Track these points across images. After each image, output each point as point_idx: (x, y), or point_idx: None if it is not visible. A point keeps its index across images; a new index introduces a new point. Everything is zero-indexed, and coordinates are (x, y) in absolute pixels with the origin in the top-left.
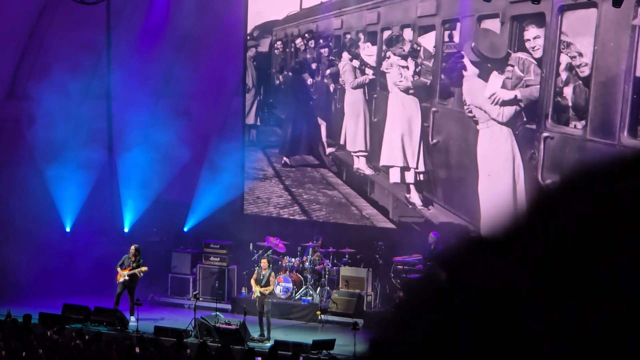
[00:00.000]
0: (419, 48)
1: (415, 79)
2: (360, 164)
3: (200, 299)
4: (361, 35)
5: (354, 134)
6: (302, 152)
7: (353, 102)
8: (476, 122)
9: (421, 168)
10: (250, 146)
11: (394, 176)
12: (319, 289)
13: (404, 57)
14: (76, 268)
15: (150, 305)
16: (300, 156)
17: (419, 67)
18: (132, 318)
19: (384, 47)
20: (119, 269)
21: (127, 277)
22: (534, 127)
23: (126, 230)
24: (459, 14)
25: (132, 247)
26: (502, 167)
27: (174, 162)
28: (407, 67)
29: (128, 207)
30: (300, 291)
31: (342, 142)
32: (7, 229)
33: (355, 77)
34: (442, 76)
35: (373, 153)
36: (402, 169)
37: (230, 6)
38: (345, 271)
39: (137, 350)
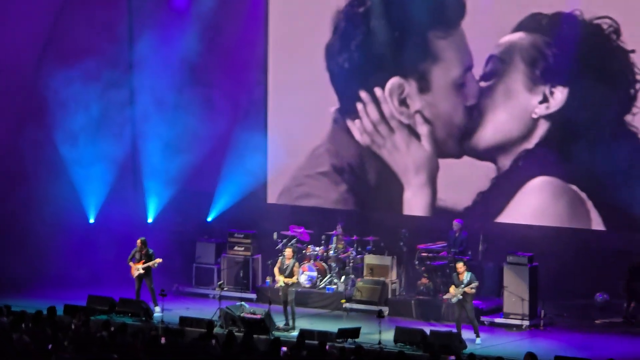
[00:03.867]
0: None
1: None
2: None
3: (225, 288)
4: None
5: None
6: None
7: None
8: None
9: None
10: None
11: None
12: (343, 277)
13: None
14: (100, 259)
15: (175, 296)
16: None
17: None
18: (157, 308)
19: None
20: (131, 264)
21: (142, 271)
22: None
23: (150, 220)
24: None
25: (139, 241)
26: None
27: (197, 152)
28: None
29: (151, 198)
30: (324, 280)
31: None
32: (30, 220)
33: None
34: None
35: None
36: None
37: None
38: (370, 259)
39: (163, 340)
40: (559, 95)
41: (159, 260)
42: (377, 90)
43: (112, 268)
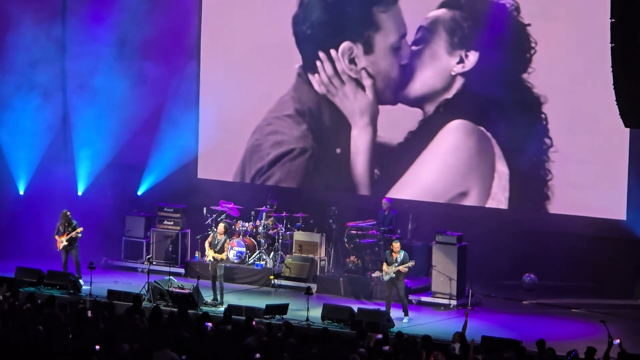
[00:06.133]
0: None
1: None
2: None
3: (154, 262)
4: None
5: None
6: None
7: None
8: None
9: None
10: None
11: None
12: (272, 253)
13: None
14: (30, 231)
15: (103, 269)
16: None
17: None
18: (81, 282)
19: None
20: (56, 237)
21: (65, 242)
22: None
23: (80, 193)
24: None
25: (62, 213)
26: None
27: (128, 125)
28: None
29: (82, 170)
30: (253, 256)
31: None
32: None
33: None
34: None
35: None
36: None
37: None
38: (299, 236)
39: (90, 314)
40: (472, 57)
41: (79, 229)
42: (332, 52)
43: (42, 240)
